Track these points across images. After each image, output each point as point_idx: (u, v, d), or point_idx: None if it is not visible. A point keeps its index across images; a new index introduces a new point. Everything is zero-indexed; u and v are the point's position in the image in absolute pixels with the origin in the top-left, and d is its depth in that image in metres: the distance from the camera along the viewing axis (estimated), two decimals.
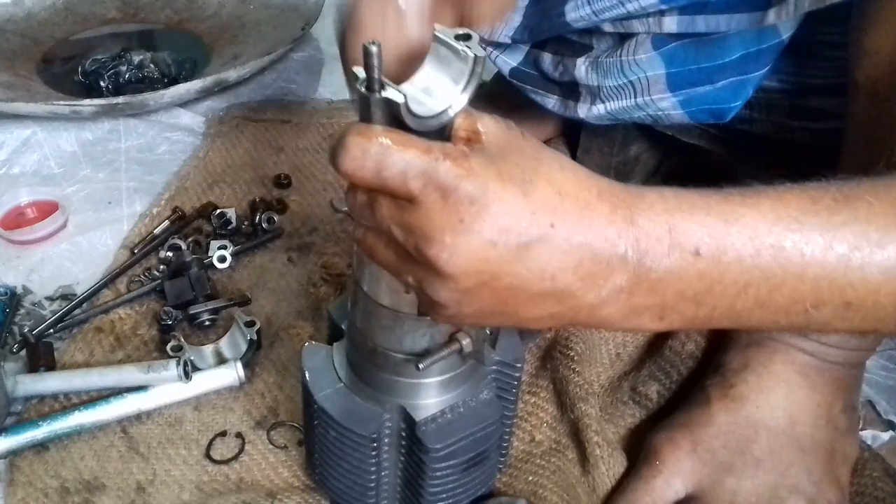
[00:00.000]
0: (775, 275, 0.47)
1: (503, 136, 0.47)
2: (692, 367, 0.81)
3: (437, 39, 0.48)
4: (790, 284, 0.48)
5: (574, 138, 1.02)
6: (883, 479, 0.73)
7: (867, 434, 0.77)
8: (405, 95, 0.45)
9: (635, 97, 0.81)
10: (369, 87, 0.45)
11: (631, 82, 0.80)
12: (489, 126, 0.47)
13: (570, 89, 0.86)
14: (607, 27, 0.80)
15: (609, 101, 0.82)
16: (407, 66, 0.55)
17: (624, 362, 0.83)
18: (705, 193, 0.48)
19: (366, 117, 0.46)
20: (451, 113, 0.47)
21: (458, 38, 0.47)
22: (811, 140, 0.81)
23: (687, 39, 0.76)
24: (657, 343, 0.84)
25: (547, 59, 0.88)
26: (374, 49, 0.43)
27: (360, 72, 0.45)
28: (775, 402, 0.71)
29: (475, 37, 0.48)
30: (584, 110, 0.85)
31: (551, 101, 0.89)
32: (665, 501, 0.69)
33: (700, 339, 0.82)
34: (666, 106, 0.80)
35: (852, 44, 0.65)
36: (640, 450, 0.74)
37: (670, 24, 0.76)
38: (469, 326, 0.56)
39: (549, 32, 0.83)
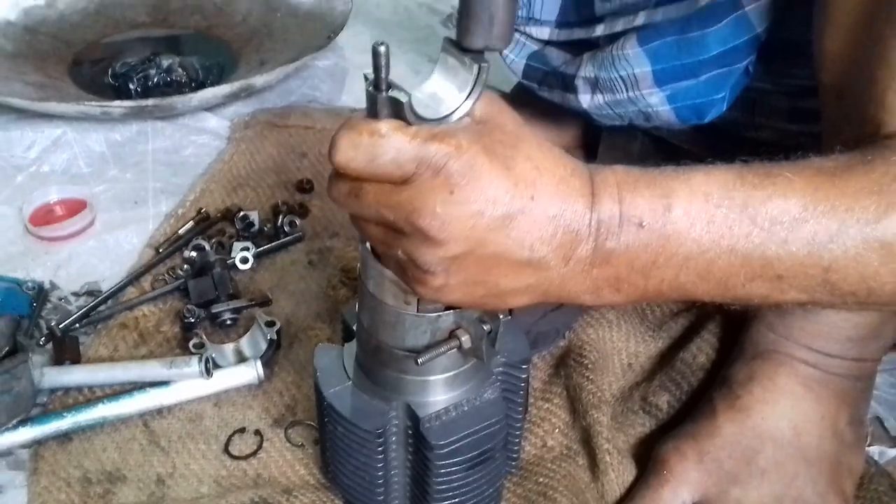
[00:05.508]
0: (709, 248, 0.50)
1: (487, 112, 0.51)
2: (702, 379, 0.82)
3: (444, 49, 0.50)
4: (724, 259, 0.51)
5: (593, 150, 1.04)
6: (889, 493, 0.74)
7: (874, 450, 0.78)
8: (409, 95, 0.47)
9: (627, 91, 0.84)
10: (376, 86, 0.47)
11: (622, 77, 0.84)
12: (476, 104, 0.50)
13: (569, 83, 0.91)
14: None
15: (606, 93, 0.86)
16: None
17: (636, 372, 0.84)
18: (648, 170, 0.52)
19: (372, 115, 0.48)
20: (454, 118, 0.49)
21: (463, 49, 0.49)
22: (816, 147, 0.82)
23: (669, 38, 0.80)
24: (669, 354, 0.85)
25: (554, 52, 0.92)
26: (381, 49, 0.46)
27: (368, 73, 0.48)
28: (780, 413, 0.72)
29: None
30: (586, 100, 0.89)
31: (556, 96, 0.93)
32: None
33: (711, 352, 0.83)
34: (654, 101, 0.83)
35: (815, 46, 0.65)
36: (648, 459, 0.75)
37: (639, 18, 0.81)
38: (455, 304, 0.55)
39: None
